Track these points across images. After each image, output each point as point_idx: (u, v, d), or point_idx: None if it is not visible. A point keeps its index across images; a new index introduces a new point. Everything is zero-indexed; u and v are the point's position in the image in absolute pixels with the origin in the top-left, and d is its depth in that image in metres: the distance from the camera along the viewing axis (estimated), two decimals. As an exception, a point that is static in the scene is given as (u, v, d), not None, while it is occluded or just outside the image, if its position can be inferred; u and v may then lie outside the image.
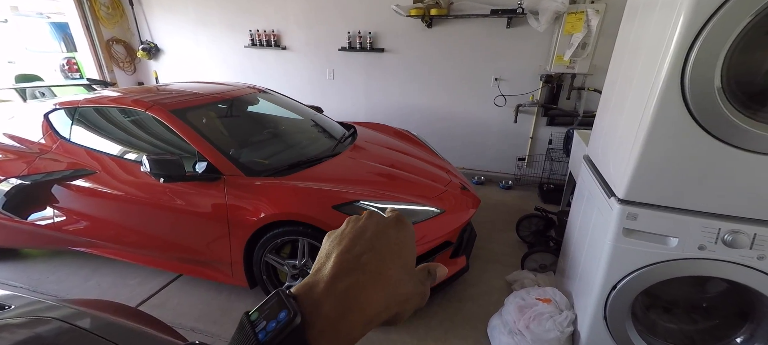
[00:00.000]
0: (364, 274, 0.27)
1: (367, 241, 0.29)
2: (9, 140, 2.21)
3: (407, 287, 0.29)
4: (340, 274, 0.27)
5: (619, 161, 1.24)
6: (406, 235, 0.32)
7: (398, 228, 0.32)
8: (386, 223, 0.32)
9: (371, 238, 0.30)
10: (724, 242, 1.07)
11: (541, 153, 3.61)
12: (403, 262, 0.30)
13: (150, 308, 2.03)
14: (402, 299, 0.28)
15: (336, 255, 0.28)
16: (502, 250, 2.59)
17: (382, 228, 0.31)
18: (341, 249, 0.29)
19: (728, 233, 1.06)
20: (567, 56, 3.06)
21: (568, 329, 1.48)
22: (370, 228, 0.31)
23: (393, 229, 0.32)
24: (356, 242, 0.29)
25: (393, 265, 0.29)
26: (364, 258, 0.28)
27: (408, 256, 0.31)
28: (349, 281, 0.26)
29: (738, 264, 1.09)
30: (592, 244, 1.44)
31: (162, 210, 1.90)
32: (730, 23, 0.87)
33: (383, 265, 0.28)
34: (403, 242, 0.31)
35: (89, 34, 4.37)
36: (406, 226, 0.33)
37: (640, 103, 1.11)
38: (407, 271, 0.30)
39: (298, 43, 4.06)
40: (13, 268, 2.36)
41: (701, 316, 1.38)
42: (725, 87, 0.94)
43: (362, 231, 0.30)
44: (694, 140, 1.01)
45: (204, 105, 2.24)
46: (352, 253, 0.28)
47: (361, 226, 0.31)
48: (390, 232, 0.31)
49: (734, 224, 1.06)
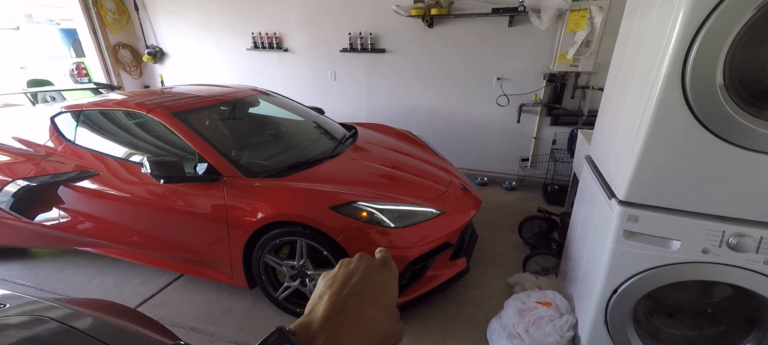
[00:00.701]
0: (349, 317, 0.31)
1: (354, 285, 0.34)
2: (18, 143, 2.25)
3: (386, 327, 0.33)
4: (331, 315, 0.31)
5: (619, 162, 1.21)
6: (390, 277, 0.37)
7: (383, 271, 0.37)
8: (372, 267, 0.36)
9: (358, 282, 0.34)
10: (729, 245, 1.03)
11: (544, 153, 3.56)
12: (385, 303, 0.34)
13: (152, 307, 2.05)
14: (381, 338, 0.32)
15: (328, 297, 0.32)
16: (504, 252, 2.56)
17: (368, 272, 0.35)
18: (332, 292, 0.33)
19: (733, 236, 1.03)
20: (570, 54, 3.01)
21: (569, 334, 1.44)
22: (358, 273, 0.35)
23: (378, 273, 0.36)
24: (345, 286, 0.33)
25: (375, 307, 0.33)
26: (349, 301, 0.32)
27: (390, 297, 0.35)
28: (338, 322, 0.30)
29: (743, 268, 1.05)
30: (593, 246, 1.40)
31: (163, 211, 1.92)
32: (732, 19, 0.84)
33: (367, 309, 0.32)
34: (387, 284, 0.36)
35: (96, 39, 4.45)
36: (391, 269, 0.38)
37: (641, 102, 1.08)
38: (387, 311, 0.34)
39: (300, 45, 4.08)
40: (22, 267, 2.41)
41: (706, 322, 1.33)
42: (728, 84, 0.91)
43: (351, 275, 0.35)
44: (696, 140, 0.98)
45: (205, 107, 2.26)
46: (341, 295, 0.32)
47: (351, 271, 0.36)
48: (375, 276, 0.35)
49: (739, 227, 1.03)
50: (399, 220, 1.77)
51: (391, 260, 0.39)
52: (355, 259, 0.38)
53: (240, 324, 1.93)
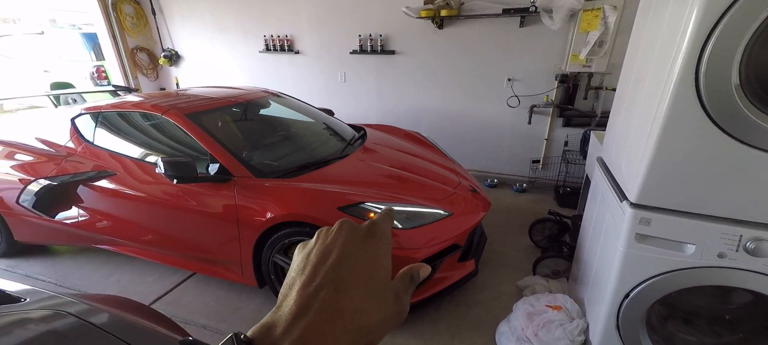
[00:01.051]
0: (322, 313, 0.24)
1: (330, 269, 0.26)
2: (40, 144, 2.35)
3: (374, 316, 0.26)
4: (299, 313, 0.24)
5: (631, 163, 1.19)
6: (378, 249, 0.29)
7: (369, 242, 0.29)
8: (354, 239, 0.29)
9: (335, 263, 0.27)
10: (746, 250, 1.00)
11: (556, 155, 3.50)
12: (372, 285, 0.27)
13: (165, 305, 2.11)
14: (368, 330, 0.25)
15: (297, 289, 0.26)
16: (514, 254, 2.53)
17: (348, 247, 0.28)
18: (302, 281, 0.26)
19: (751, 241, 0.99)
20: (583, 55, 2.96)
21: (579, 338, 1.42)
22: (336, 249, 0.28)
23: (362, 245, 0.29)
24: (318, 271, 0.26)
25: (354, 295, 0.26)
26: (321, 294, 0.25)
27: (379, 274, 0.28)
28: (306, 321, 0.24)
29: (763, 274, 1.01)
30: (604, 249, 1.38)
31: (176, 210, 1.97)
32: (748, 17, 0.82)
33: (341, 301, 0.25)
34: (374, 259, 0.28)
35: (116, 43, 4.61)
36: (379, 238, 0.30)
37: (653, 102, 1.06)
38: (376, 294, 0.27)
39: (311, 47, 4.13)
40: (42, 264, 2.51)
41: (724, 328, 1.29)
42: (744, 84, 0.88)
43: (326, 254, 0.28)
44: (711, 141, 0.95)
45: (217, 109, 2.31)
46: (313, 285, 0.25)
47: (327, 247, 0.28)
48: (359, 251, 0.28)
49: (757, 231, 0.99)
50: (407, 221, 1.77)
51: (382, 225, 0.31)
52: (334, 228, 0.30)
53: (250, 323, 1.96)
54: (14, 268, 2.47)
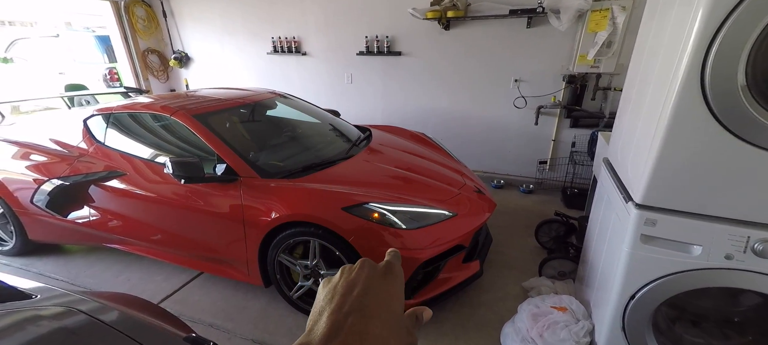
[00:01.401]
0: (351, 336, 0.28)
1: (355, 299, 0.31)
2: (53, 145, 2.42)
3: (393, 342, 0.30)
4: (330, 335, 0.28)
5: (637, 164, 1.18)
6: (395, 288, 0.34)
7: (388, 279, 0.34)
8: (376, 276, 0.33)
9: (360, 294, 0.31)
10: (755, 252, 0.98)
11: (563, 156, 3.47)
12: (390, 315, 0.31)
13: (173, 303, 2.14)
14: None
15: (327, 314, 0.30)
16: (520, 255, 2.52)
17: (371, 283, 0.32)
18: (332, 308, 0.30)
19: (759, 242, 0.97)
20: (591, 55, 2.94)
21: (585, 340, 1.41)
22: (360, 283, 0.32)
23: (383, 282, 0.33)
24: (346, 300, 0.31)
25: (379, 323, 0.30)
26: (350, 319, 0.29)
27: (395, 309, 0.32)
28: (337, 343, 0.27)
29: (771, 276, 1.00)
30: (610, 251, 1.36)
31: (184, 210, 2.01)
32: (754, 17, 0.81)
33: (369, 326, 0.29)
34: (392, 294, 0.33)
35: (128, 45, 4.71)
36: (396, 277, 0.35)
37: (659, 102, 1.05)
38: (393, 324, 0.31)
39: (318, 49, 4.17)
40: (55, 262, 2.58)
41: (734, 331, 1.27)
42: (751, 85, 0.87)
43: (352, 287, 0.32)
44: (716, 141, 0.94)
45: (224, 110, 2.35)
46: (342, 312, 0.29)
47: (352, 281, 0.32)
48: (379, 287, 0.32)
49: (765, 232, 0.97)
50: (411, 221, 1.78)
51: (397, 266, 0.36)
52: (356, 266, 0.35)
53: (256, 321, 1.99)
54: (28, 266, 2.54)
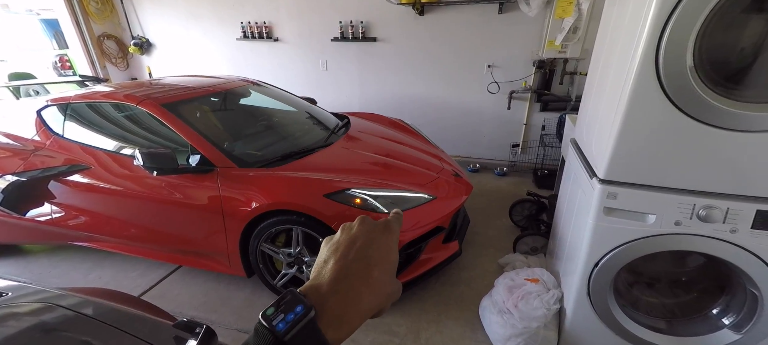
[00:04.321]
0: (357, 279, 0.32)
1: (360, 249, 0.34)
2: (3, 138, 2.22)
3: (389, 287, 0.35)
4: (338, 277, 0.32)
5: (600, 142, 1.27)
6: (391, 240, 0.37)
7: (386, 234, 0.37)
8: (375, 231, 0.37)
9: (363, 246, 0.35)
10: (699, 217, 1.11)
11: (535, 139, 3.63)
12: (388, 266, 0.35)
13: (151, 299, 2.06)
14: (384, 297, 0.34)
15: (334, 261, 0.34)
16: (496, 235, 2.64)
17: (371, 236, 0.36)
18: (338, 256, 0.34)
19: (702, 208, 1.10)
20: (558, 41, 3.06)
21: (555, 307, 1.53)
22: (361, 237, 0.36)
23: (381, 236, 0.37)
24: (350, 250, 0.34)
25: (379, 269, 0.34)
26: (355, 265, 0.33)
27: (392, 259, 0.36)
28: (346, 284, 0.32)
29: (712, 238, 1.13)
30: (577, 224, 1.48)
31: (158, 203, 1.94)
32: (700, 4, 0.89)
33: (371, 270, 0.33)
34: (389, 247, 0.37)
35: (80, 30, 4.34)
36: (393, 232, 0.38)
37: (619, 85, 1.14)
38: (391, 272, 0.36)
39: (291, 35, 4.04)
40: (16, 264, 2.41)
41: (681, 290, 1.42)
42: (698, 66, 0.97)
43: (354, 240, 0.36)
44: (669, 120, 1.04)
45: (195, 98, 2.26)
46: (348, 259, 0.34)
47: (354, 235, 0.36)
48: (379, 239, 0.36)
49: (708, 199, 1.10)
50: (392, 205, 1.82)
51: (393, 223, 0.40)
52: (356, 222, 0.38)
53: (239, 312, 1.98)
54: (-16, 269, 2.36)
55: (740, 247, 1.11)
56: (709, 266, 1.33)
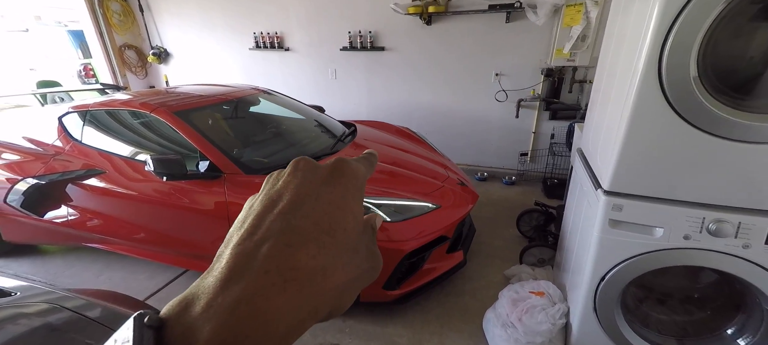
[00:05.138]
0: (266, 275, 0.18)
1: (278, 217, 0.20)
2: (27, 143, 2.33)
3: (343, 274, 0.20)
4: (232, 277, 0.17)
5: (605, 152, 1.25)
6: (347, 192, 0.22)
7: (334, 183, 0.22)
8: (312, 181, 0.22)
9: (285, 211, 0.20)
10: (709, 231, 1.07)
11: (543, 148, 3.58)
12: (338, 237, 0.20)
13: (157, 302, 2.12)
14: (336, 293, 0.20)
15: (232, 245, 0.19)
16: (502, 245, 2.60)
17: (307, 189, 0.21)
18: (241, 234, 0.19)
19: (712, 222, 1.06)
20: (567, 49, 3.03)
21: (560, 321, 1.48)
22: (287, 194, 0.21)
23: (325, 186, 0.22)
24: (262, 220, 0.20)
25: (315, 249, 0.19)
26: (265, 248, 0.18)
27: (347, 224, 0.21)
28: (241, 289, 0.17)
29: (723, 253, 1.08)
30: (583, 236, 1.44)
31: (167, 208, 1.99)
32: (703, 13, 0.87)
33: (297, 256, 0.19)
34: (341, 204, 0.21)
35: (103, 40, 4.55)
36: (348, 177, 0.23)
37: (623, 94, 1.11)
38: (345, 247, 0.21)
39: (301, 44, 4.13)
40: (32, 263, 2.50)
41: (694, 307, 1.36)
42: (702, 75, 0.94)
43: (275, 199, 0.21)
44: (673, 129, 1.01)
45: (206, 106, 2.32)
46: (253, 239, 0.19)
47: (276, 192, 0.21)
48: (319, 192, 0.21)
49: (718, 213, 1.06)
50: (395, 214, 1.81)
51: (350, 162, 0.24)
52: (287, 171, 0.23)
53: (242, 316, 1.99)
54: (3, 268, 2.45)
55: (754, 263, 1.06)
56: (723, 283, 1.27)
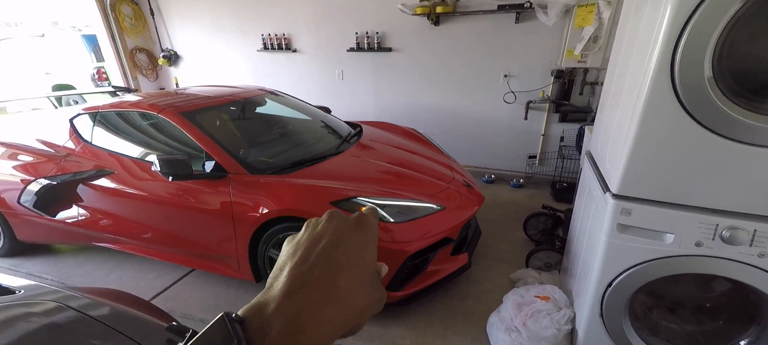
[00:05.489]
0: (316, 291, 0.25)
1: (322, 252, 0.28)
2: (40, 145, 2.39)
3: (363, 299, 0.28)
4: (292, 291, 0.25)
5: (614, 155, 1.21)
6: (367, 239, 0.31)
7: (358, 231, 0.31)
8: (344, 228, 0.30)
9: (327, 247, 0.28)
10: (723, 239, 1.02)
11: (553, 150, 3.52)
12: (361, 271, 0.29)
13: (164, 300, 2.15)
14: (358, 312, 0.27)
15: (289, 269, 0.27)
16: (508, 248, 2.56)
17: (340, 234, 0.29)
18: (294, 262, 0.27)
19: (726, 229, 1.01)
20: (578, 50, 2.98)
21: (566, 327, 1.45)
22: (326, 235, 0.29)
23: (352, 234, 0.30)
24: (310, 253, 0.28)
25: (348, 277, 0.27)
26: (316, 272, 0.26)
27: (367, 263, 0.29)
28: (300, 299, 0.25)
29: (737, 262, 1.03)
30: (590, 241, 1.40)
31: (174, 207, 2.01)
32: (718, 12, 0.84)
33: (337, 279, 0.27)
34: (364, 247, 0.30)
35: (115, 44, 4.65)
36: (367, 228, 0.31)
37: (634, 95, 1.08)
38: (365, 279, 0.29)
39: (309, 46, 4.16)
40: (44, 262, 2.56)
41: (706, 316, 1.31)
42: (717, 76, 0.91)
43: (317, 239, 0.29)
44: (685, 132, 0.98)
45: (213, 107, 2.35)
46: (306, 265, 0.27)
47: (318, 234, 0.30)
48: (349, 238, 0.29)
49: (733, 220, 1.01)
50: (399, 215, 1.80)
51: (369, 218, 0.33)
52: (323, 218, 0.31)
53: (247, 316, 2.00)
54: (17, 267, 2.52)
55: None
56: (737, 293, 1.22)
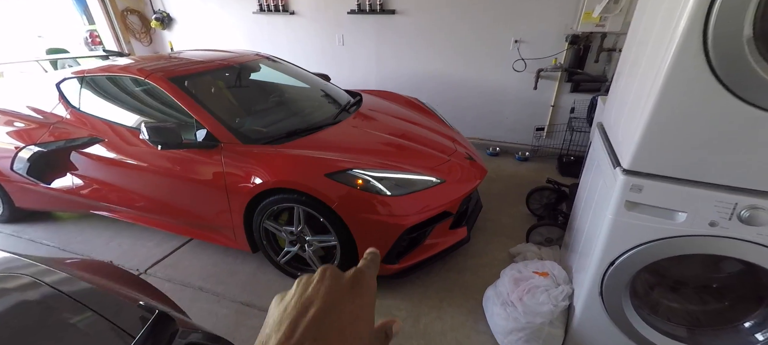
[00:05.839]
0: None
1: (310, 325, 0.25)
2: (29, 111, 2.32)
3: None
4: None
5: (628, 127, 1.11)
6: (363, 302, 0.28)
7: (354, 293, 0.28)
8: (339, 290, 0.27)
9: (317, 317, 0.25)
10: (740, 219, 0.95)
11: (562, 123, 3.38)
12: (353, 340, 0.26)
13: (164, 268, 2.17)
14: None
15: (273, 343, 0.24)
16: (510, 222, 2.52)
17: (332, 299, 0.27)
18: (279, 338, 0.24)
19: (746, 209, 0.93)
20: (597, 13, 2.75)
21: (563, 303, 1.42)
22: (317, 301, 0.26)
23: (347, 297, 0.27)
24: (297, 325, 0.25)
25: None
26: None
27: (361, 330, 0.26)
28: None
29: (755, 243, 0.96)
30: (595, 217, 1.34)
31: (166, 177, 1.97)
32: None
33: None
34: (358, 314, 0.27)
35: (104, 4, 4.44)
36: (365, 289, 0.29)
37: (656, 60, 0.97)
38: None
39: (307, 7, 3.92)
40: (45, 229, 2.59)
41: (711, 296, 1.27)
42: (758, 36, 0.79)
43: (306, 307, 0.26)
44: (713, 101, 0.87)
45: (204, 72, 2.24)
46: (291, 342, 0.24)
47: (307, 299, 0.27)
48: (342, 304, 0.27)
49: (754, 199, 0.93)
50: (396, 188, 1.74)
51: (368, 274, 0.30)
52: (315, 278, 0.29)
53: (244, 285, 2.01)
54: (19, 233, 2.55)
55: (790, 255, 0.95)
56: (748, 274, 1.16)
